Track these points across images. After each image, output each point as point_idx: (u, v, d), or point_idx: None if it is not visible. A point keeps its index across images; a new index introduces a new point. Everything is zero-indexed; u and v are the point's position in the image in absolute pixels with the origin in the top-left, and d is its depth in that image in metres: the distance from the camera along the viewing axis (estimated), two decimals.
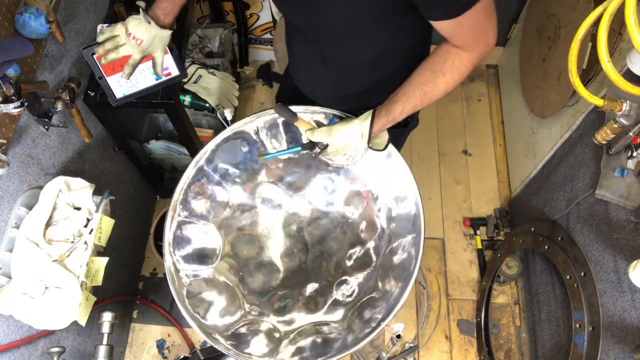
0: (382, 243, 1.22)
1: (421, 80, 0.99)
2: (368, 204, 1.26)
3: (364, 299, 1.16)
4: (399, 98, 1.02)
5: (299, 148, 1.14)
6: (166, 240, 1.12)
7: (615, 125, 1.10)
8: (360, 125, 1.04)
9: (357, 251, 1.27)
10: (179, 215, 1.15)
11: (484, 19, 0.86)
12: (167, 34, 1.19)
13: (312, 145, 1.10)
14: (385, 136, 1.09)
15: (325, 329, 1.16)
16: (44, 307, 1.12)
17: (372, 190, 1.24)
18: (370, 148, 1.07)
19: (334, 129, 1.06)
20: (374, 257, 1.23)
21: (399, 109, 1.02)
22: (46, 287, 1.14)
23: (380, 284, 1.15)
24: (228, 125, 1.20)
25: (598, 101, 1.03)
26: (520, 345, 1.92)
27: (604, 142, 1.17)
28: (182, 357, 1.67)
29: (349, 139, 1.06)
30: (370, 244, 1.25)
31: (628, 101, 1.06)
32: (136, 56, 1.19)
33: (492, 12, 0.87)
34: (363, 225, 1.28)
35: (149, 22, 1.14)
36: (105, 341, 1.26)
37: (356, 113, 1.12)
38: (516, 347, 1.92)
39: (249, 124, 1.19)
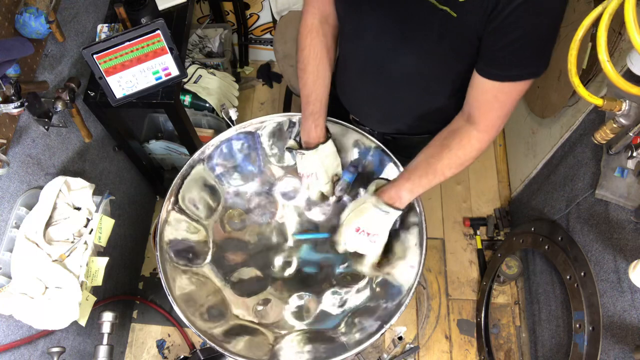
0: None
1: (429, 152, 1.03)
2: None
3: (360, 307, 1.14)
4: (407, 167, 1.06)
5: (328, 235, 1.25)
6: (158, 238, 1.11)
7: (614, 125, 1.10)
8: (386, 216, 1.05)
9: (352, 260, 1.24)
10: (173, 213, 1.14)
11: (513, 100, 0.90)
12: (329, 146, 1.15)
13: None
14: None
15: (320, 335, 1.14)
16: (44, 307, 1.12)
17: None
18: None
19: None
20: None
21: (405, 175, 1.05)
22: (46, 287, 1.14)
23: (377, 292, 1.14)
24: (233, 125, 1.20)
25: (597, 101, 1.03)
26: (520, 345, 1.92)
27: (604, 142, 1.17)
28: (182, 357, 1.67)
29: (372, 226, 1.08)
30: None
31: (627, 101, 1.06)
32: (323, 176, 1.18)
33: (516, 104, 0.91)
34: None
35: (304, 154, 1.14)
36: (105, 341, 1.26)
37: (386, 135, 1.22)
38: (516, 347, 1.92)
39: (253, 127, 1.18)
